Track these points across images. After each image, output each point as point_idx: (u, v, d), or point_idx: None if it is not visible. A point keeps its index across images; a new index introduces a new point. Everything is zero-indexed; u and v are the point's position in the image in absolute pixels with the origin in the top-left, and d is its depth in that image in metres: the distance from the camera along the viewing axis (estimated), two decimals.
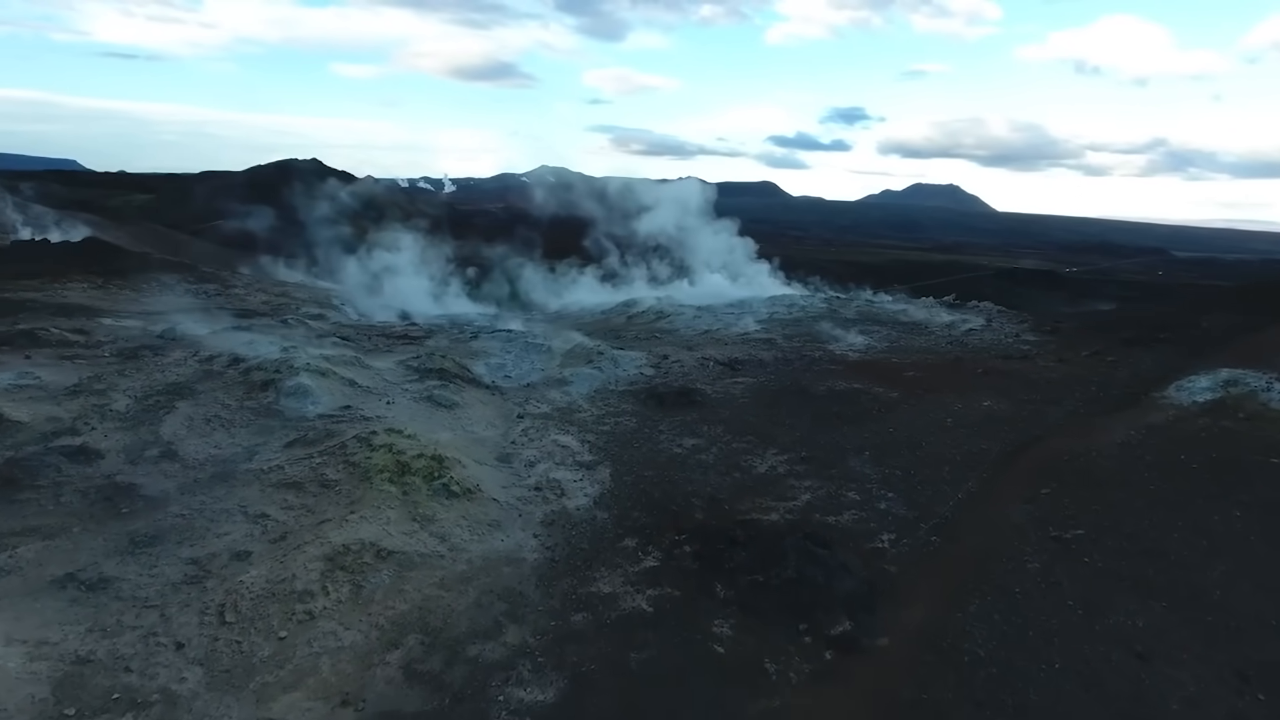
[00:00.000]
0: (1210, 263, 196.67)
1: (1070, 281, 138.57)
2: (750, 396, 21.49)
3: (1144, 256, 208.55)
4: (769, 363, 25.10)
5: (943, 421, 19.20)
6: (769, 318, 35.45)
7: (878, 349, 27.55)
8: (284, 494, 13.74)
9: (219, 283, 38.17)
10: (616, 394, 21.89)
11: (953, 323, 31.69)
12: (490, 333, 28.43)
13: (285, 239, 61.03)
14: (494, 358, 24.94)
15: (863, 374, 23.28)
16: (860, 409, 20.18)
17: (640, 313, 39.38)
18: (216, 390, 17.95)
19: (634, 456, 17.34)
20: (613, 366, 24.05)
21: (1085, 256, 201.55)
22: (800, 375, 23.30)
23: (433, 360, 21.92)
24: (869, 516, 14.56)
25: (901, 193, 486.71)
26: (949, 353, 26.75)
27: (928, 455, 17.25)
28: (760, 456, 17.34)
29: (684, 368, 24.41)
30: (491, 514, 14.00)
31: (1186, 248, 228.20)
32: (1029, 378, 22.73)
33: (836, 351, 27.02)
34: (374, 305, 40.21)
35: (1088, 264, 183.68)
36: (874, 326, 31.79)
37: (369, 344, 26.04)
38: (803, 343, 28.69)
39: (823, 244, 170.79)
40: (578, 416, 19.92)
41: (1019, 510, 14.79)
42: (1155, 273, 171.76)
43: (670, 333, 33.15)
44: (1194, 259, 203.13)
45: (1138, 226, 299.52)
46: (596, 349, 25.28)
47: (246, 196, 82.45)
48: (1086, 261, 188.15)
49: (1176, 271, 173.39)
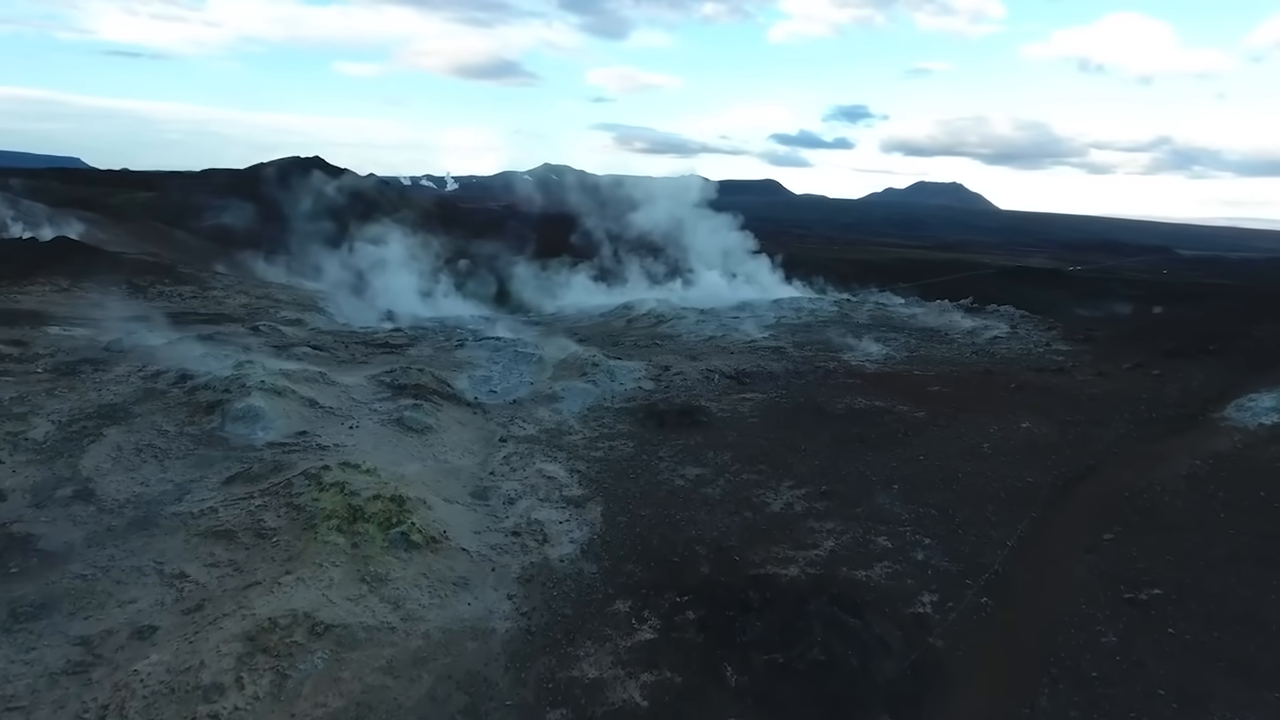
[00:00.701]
0: (1215, 261, 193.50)
1: (1075, 280, 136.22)
2: (760, 416, 19.16)
3: (1148, 255, 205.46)
4: (779, 375, 22.75)
5: (978, 447, 16.86)
6: (776, 323, 33.12)
7: (897, 359, 25.17)
8: (211, 546, 11.44)
9: (196, 284, 35.86)
10: (612, 412, 19.57)
11: (974, 329, 29.31)
12: (478, 340, 26.12)
13: (276, 238, 58.82)
14: (479, 369, 22.63)
15: (884, 389, 20.94)
16: (884, 431, 17.84)
17: (640, 316, 37.09)
18: (155, 413, 15.66)
19: (630, 490, 15.02)
20: (609, 380, 21.73)
21: (1089, 255, 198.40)
22: (815, 390, 20.95)
23: (409, 374, 19.62)
24: (905, 570, 12.23)
25: (904, 191, 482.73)
26: (976, 364, 24.37)
27: (966, 490, 14.91)
28: (774, 490, 15.02)
29: (686, 381, 22.08)
30: (459, 568, 11.70)
31: (1191, 246, 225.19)
32: (1069, 394, 20.36)
33: (852, 362, 24.66)
34: (361, 307, 37.97)
35: (1092, 262, 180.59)
36: (890, 333, 29.42)
37: (344, 354, 23.74)
38: (815, 352, 26.33)
39: (825, 242, 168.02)
40: (568, 440, 17.60)
41: (1082, 562, 12.47)
42: (1160, 271, 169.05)
43: (671, 339, 30.84)
44: (1198, 257, 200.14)
45: (1142, 225, 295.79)
46: (591, 359, 22.96)
47: (242, 194, 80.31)
48: (1090, 260, 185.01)
49: (1181, 270, 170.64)
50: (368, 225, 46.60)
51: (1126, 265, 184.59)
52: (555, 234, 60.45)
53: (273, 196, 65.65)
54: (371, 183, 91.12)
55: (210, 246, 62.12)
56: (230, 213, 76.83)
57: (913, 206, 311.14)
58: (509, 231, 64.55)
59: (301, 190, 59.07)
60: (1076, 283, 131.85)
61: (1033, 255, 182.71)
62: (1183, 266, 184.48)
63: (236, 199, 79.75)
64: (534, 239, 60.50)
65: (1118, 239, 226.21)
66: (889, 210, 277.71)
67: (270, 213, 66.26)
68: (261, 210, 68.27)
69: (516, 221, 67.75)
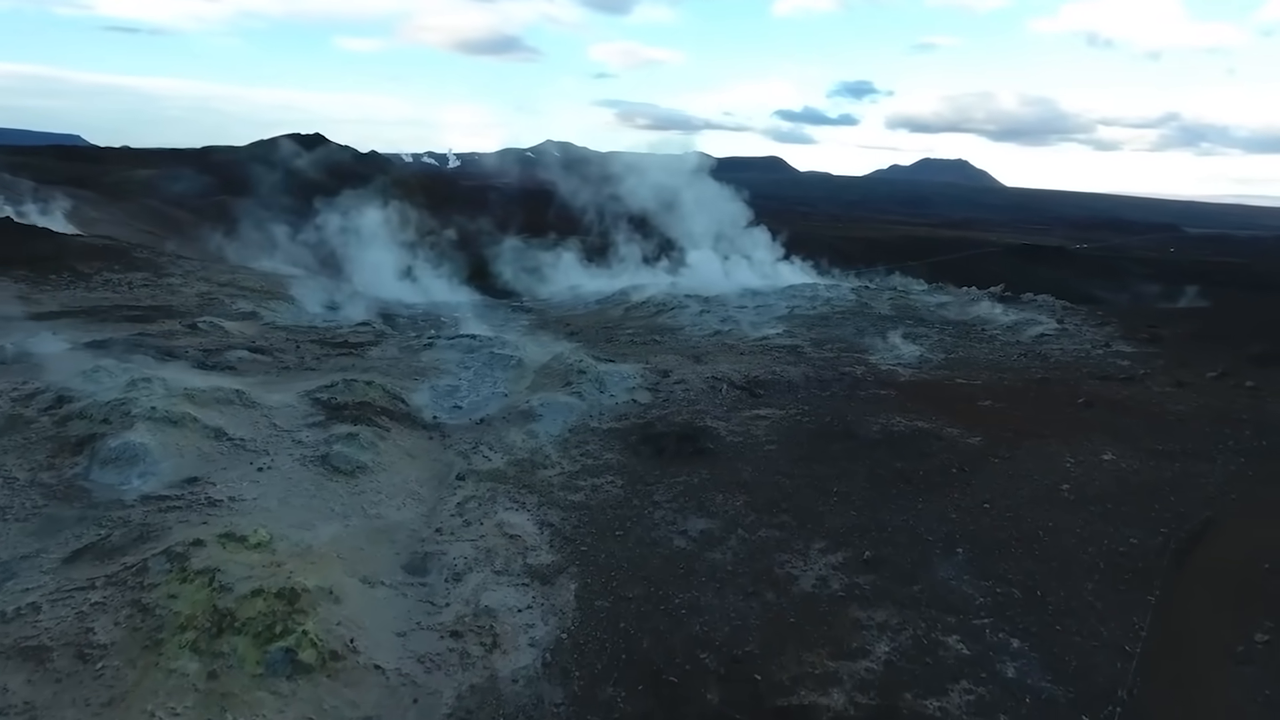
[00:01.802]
0: (1223, 239, 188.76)
1: (1081, 259, 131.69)
2: (779, 440, 15.47)
3: (1155, 233, 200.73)
4: (798, 384, 19.03)
5: (1056, 490, 13.19)
6: (789, 314, 29.34)
7: (933, 362, 21.41)
8: (8, 676, 7.88)
9: (151, 270, 32.15)
10: (600, 434, 15.92)
11: (1016, 324, 25.47)
12: (450, 339, 22.41)
13: (260, 218, 54.96)
14: (445, 377, 18.96)
15: (924, 403, 17.24)
16: (934, 465, 14.16)
17: (639, 304, 33.34)
18: (9, 452, 12.05)
19: (615, 554, 11.41)
20: (597, 391, 18.05)
21: (1095, 233, 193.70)
22: (843, 406, 17.25)
23: (353, 389, 15.95)
24: (994, 697, 8.62)
25: (910, 168, 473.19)
26: (1028, 370, 20.61)
27: (1052, 555, 11.27)
28: (801, 555, 11.39)
29: (689, 391, 18.39)
30: (365, 703, 8.13)
31: (1198, 224, 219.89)
32: (1149, 412, 16.64)
33: (882, 366, 20.91)
34: (337, 293, 34.28)
35: (1098, 240, 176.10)
36: (919, 328, 25.63)
37: (291, 357, 20.09)
38: (836, 352, 22.58)
39: (830, 220, 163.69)
40: (542, 476, 13.97)
41: (1235, 679, 8.87)
42: (1167, 249, 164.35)
43: (672, 332, 27.11)
44: (1206, 235, 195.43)
45: (1149, 202, 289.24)
46: (578, 365, 19.25)
47: (233, 173, 76.40)
48: (1097, 238, 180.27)
49: (1189, 248, 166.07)
50: (347, 204, 42.56)
51: (1134, 243, 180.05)
52: (551, 213, 56.53)
53: (247, 174, 61.78)
54: (349, 156, 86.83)
55: (202, 225, 58.43)
56: (202, 188, 73.16)
57: (918, 184, 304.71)
58: (503, 210, 60.64)
59: (285, 166, 55.03)
60: (1084, 261, 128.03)
61: (1039, 233, 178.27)
62: (1190, 244, 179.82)
63: (212, 176, 75.98)
64: (530, 218, 56.65)
65: (1125, 217, 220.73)
66: (894, 187, 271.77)
67: (261, 191, 62.48)
68: (253, 189, 64.47)
69: (512, 199, 63.77)
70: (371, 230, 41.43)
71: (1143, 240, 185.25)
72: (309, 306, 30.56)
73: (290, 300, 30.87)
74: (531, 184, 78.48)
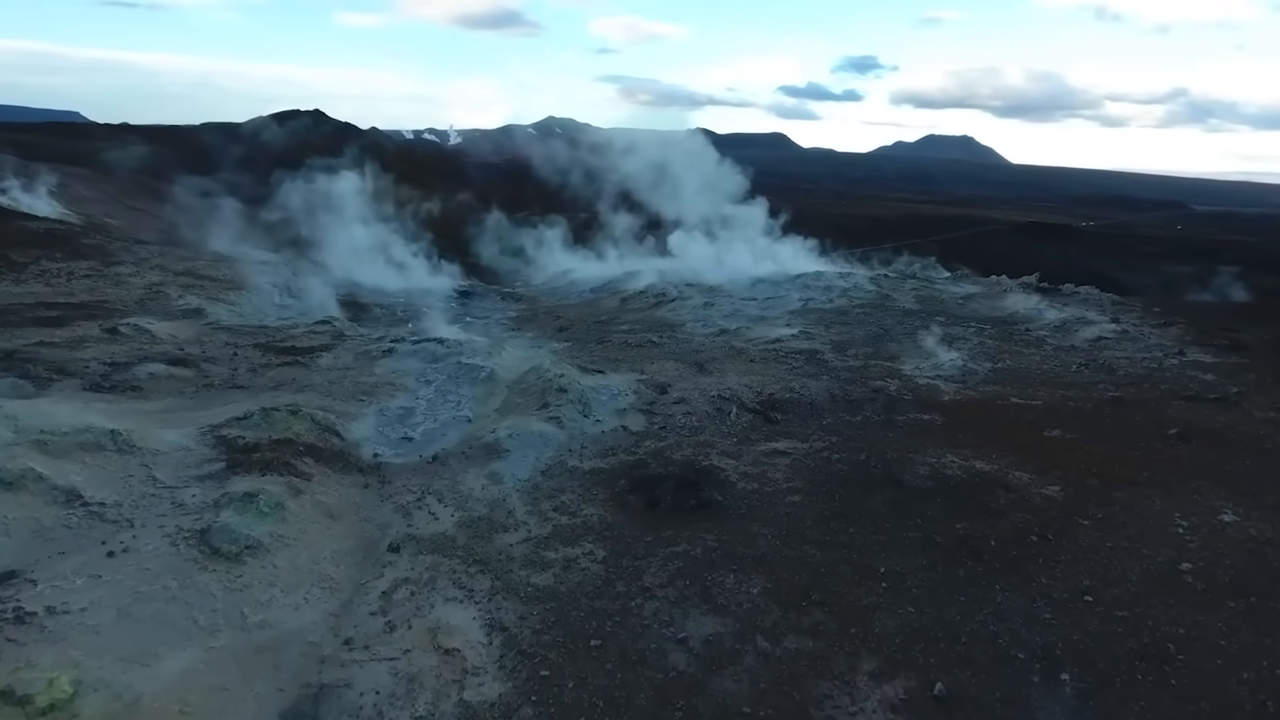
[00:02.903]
0: (1231, 217, 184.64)
1: (1087, 236, 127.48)
2: (804, 488, 12.12)
3: (1162, 210, 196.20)
4: (823, 405, 15.62)
5: (1172, 570, 9.82)
6: (803, 308, 25.90)
7: (978, 375, 17.95)
8: None
9: (100, 258, 28.69)
10: (579, 478, 12.58)
11: (1065, 323, 21.95)
12: (415, 343, 19.01)
13: (241, 197, 51.33)
14: (399, 396, 15.61)
15: (977, 433, 13.85)
16: (1005, 528, 10.81)
17: (637, 294, 29.96)
18: None
19: (587, 686, 8.11)
20: (579, 414, 14.68)
21: (1102, 210, 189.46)
22: (879, 437, 13.86)
23: (272, 422, 12.59)
24: None
25: (914, 144, 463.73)
26: (1094, 386, 17.14)
27: (1195, 687, 7.97)
28: (847, 686, 8.08)
29: (691, 415, 15.02)
30: None
31: (1206, 201, 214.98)
32: (1263, 448, 13.22)
33: (919, 380, 17.45)
34: (307, 282, 30.85)
35: (1104, 218, 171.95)
36: (953, 328, 22.15)
37: (221, 370, 16.72)
38: (863, 359, 19.13)
39: (834, 197, 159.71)
40: (499, 544, 10.64)
41: None
42: (1174, 227, 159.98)
43: (672, 329, 23.69)
44: (1214, 213, 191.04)
45: (1156, 179, 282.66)
46: (559, 379, 15.83)
47: (222, 151, 72.63)
48: (1103, 215, 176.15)
49: (1196, 226, 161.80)
50: (315, 177, 38.87)
51: (1140, 221, 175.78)
52: (546, 192, 52.83)
53: (237, 151, 58.02)
54: (330, 129, 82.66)
55: (193, 205, 54.87)
56: (196, 166, 69.35)
57: (923, 160, 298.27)
58: (497, 189, 56.96)
59: (279, 143, 51.17)
60: (1089, 239, 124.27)
61: (1045, 210, 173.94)
62: (1198, 222, 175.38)
63: (209, 154, 72.16)
64: (524, 196, 53.03)
65: (1131, 194, 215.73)
66: (899, 164, 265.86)
67: (250, 169, 58.80)
68: (244, 167, 60.77)
69: (506, 176, 59.98)
70: (345, 208, 37.78)
71: (1150, 218, 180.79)
72: (270, 299, 27.18)
73: (253, 291, 27.46)
74: (528, 160, 74.68)
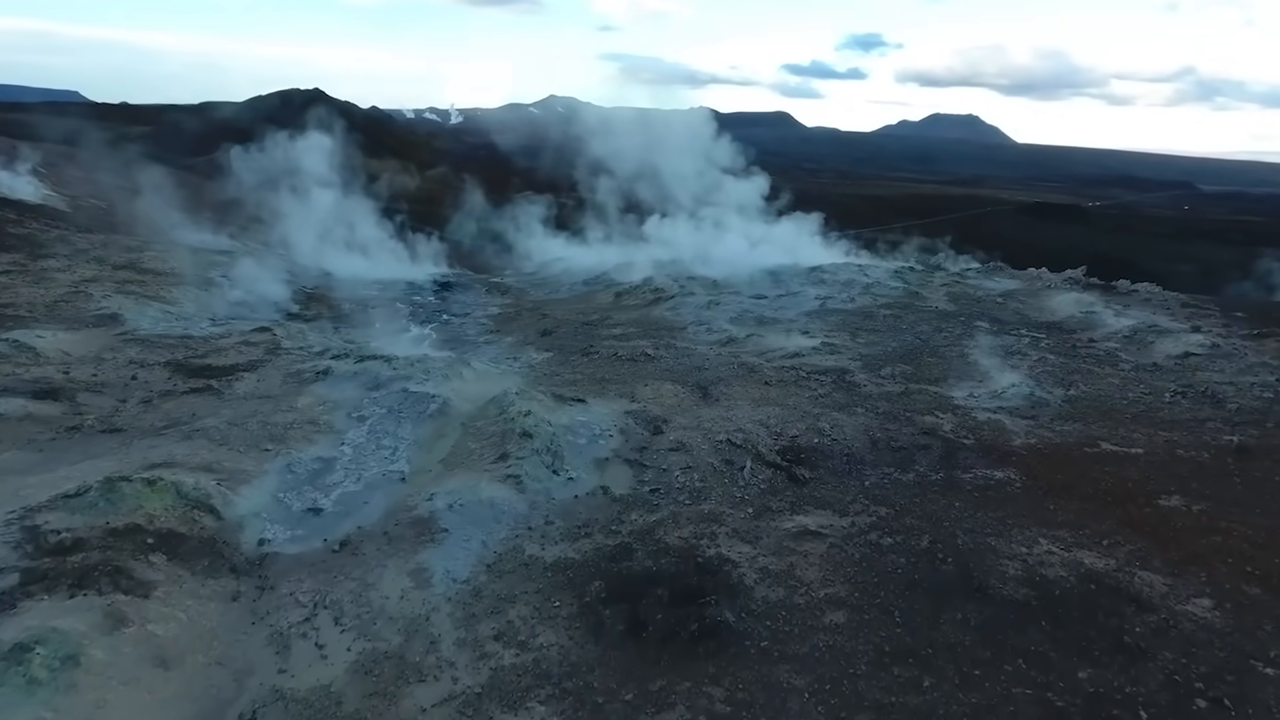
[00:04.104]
0: (1238, 197, 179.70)
1: (1094, 216, 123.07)
2: (849, 602, 8.43)
3: (1169, 190, 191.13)
4: (861, 453, 11.88)
5: None
6: (821, 308, 22.14)
7: (1051, 406, 14.13)
8: None
9: (26, 251, 24.93)
10: (537, 578, 8.90)
11: (1136, 333, 18.10)
12: (356, 364, 15.28)
13: (221, 179, 47.35)
14: (317, 443, 11.88)
15: (1075, 502, 10.12)
16: (1153, 682, 7.10)
17: (632, 290, 26.22)
18: None
19: None
20: (546, 471, 10.96)
21: (1108, 190, 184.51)
22: (942, 509, 10.14)
23: (117, 499, 8.90)
24: None
25: (919, 123, 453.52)
26: (1200, 423, 13.35)
27: None
28: None
29: (693, 472, 11.28)
30: None
31: (1213, 181, 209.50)
32: None
33: (977, 414, 13.66)
34: (269, 275, 27.15)
35: (1110, 198, 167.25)
36: (1004, 337, 18.33)
37: (103, 404, 13.05)
38: (903, 382, 15.34)
39: (838, 177, 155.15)
40: (406, 710, 7.02)
41: None
42: (1181, 207, 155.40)
43: (671, 334, 19.96)
44: (1221, 193, 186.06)
45: (1162, 159, 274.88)
46: (523, 420, 12.06)
47: (221, 132, 68.51)
48: (1109, 195, 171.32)
49: (1204, 206, 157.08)
50: (285, 155, 34.88)
51: (1147, 201, 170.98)
52: (540, 174, 48.79)
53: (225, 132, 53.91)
54: (300, 100, 77.86)
55: (183, 188, 51.01)
56: (195, 147, 65.50)
57: (927, 140, 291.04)
58: (488, 168, 52.92)
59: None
60: (1097, 218, 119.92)
61: (1051, 190, 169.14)
62: (1205, 202, 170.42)
63: (207, 135, 68.16)
64: (517, 179, 48.97)
65: (1137, 174, 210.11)
66: (903, 144, 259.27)
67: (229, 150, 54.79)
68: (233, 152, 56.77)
69: (496, 156, 55.85)
70: (311, 188, 33.79)
71: (1156, 198, 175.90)
72: (221, 296, 23.51)
73: (202, 286, 23.80)
74: (526, 140, 70.56)
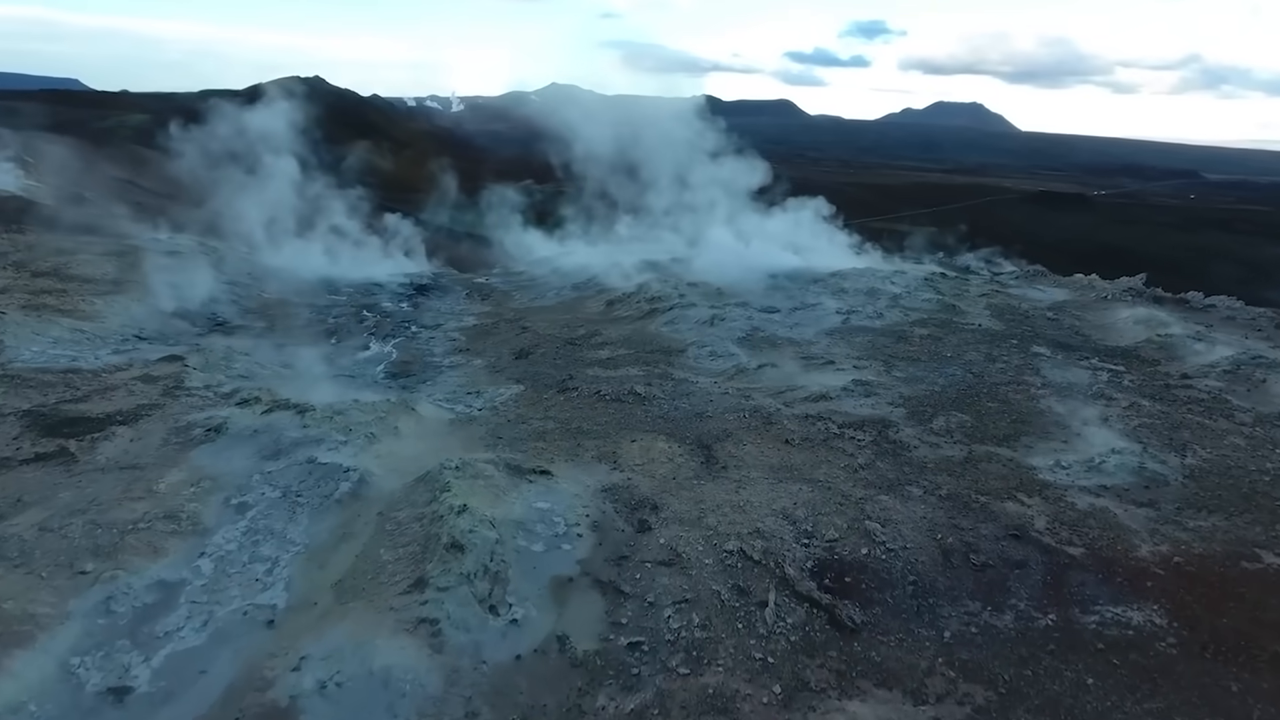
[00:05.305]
0: (1243, 185, 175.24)
1: (1102, 206, 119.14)
2: None
3: (1174, 179, 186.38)
4: (930, 575, 8.23)
5: None
6: (844, 325, 18.46)
7: (1169, 483, 10.42)
8: None
9: None
10: None
11: (1239, 366, 14.31)
12: (264, 413, 11.61)
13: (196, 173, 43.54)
14: (163, 556, 8.19)
15: (1257, 675, 6.57)
16: None
17: (626, 297, 22.56)
18: None
19: None
20: (475, 610, 7.34)
21: (1112, 179, 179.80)
22: (1064, 689, 6.52)
23: None
24: None
25: (923, 111, 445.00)
26: None
27: None
28: None
29: (691, 610, 7.60)
30: None
31: (1218, 170, 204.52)
32: None
33: (1071, 496, 9.96)
34: (228, 274, 23.60)
35: (1115, 187, 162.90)
36: (1072, 368, 14.60)
37: None
38: (964, 440, 11.64)
39: (841, 166, 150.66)
40: None
41: None
42: (1187, 196, 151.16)
43: (668, 360, 16.27)
44: (1226, 182, 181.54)
45: (1167, 147, 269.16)
46: (454, 518, 8.41)
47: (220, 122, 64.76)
48: (1114, 184, 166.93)
49: (1209, 195, 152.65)
50: (227, 136, 31.04)
51: (1152, 190, 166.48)
52: (536, 167, 44.97)
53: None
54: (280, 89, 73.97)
55: (176, 179, 47.43)
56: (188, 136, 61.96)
57: (931, 128, 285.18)
58: (484, 161, 49.10)
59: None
60: (1103, 207, 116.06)
61: (1055, 179, 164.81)
62: (1211, 191, 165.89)
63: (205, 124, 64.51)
64: (509, 170, 45.21)
65: (1142, 162, 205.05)
66: (907, 132, 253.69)
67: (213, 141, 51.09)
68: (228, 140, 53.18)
69: (491, 148, 51.98)
70: (288, 185, 30.09)
71: (1161, 186, 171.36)
72: (157, 306, 20.01)
73: (137, 296, 20.30)
74: (522, 129, 66.72)
